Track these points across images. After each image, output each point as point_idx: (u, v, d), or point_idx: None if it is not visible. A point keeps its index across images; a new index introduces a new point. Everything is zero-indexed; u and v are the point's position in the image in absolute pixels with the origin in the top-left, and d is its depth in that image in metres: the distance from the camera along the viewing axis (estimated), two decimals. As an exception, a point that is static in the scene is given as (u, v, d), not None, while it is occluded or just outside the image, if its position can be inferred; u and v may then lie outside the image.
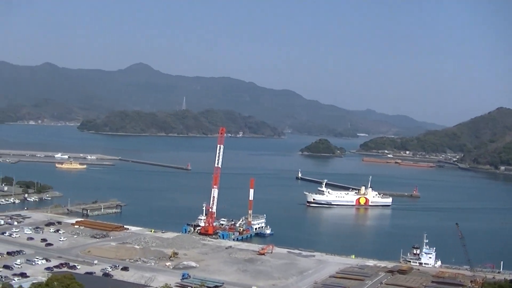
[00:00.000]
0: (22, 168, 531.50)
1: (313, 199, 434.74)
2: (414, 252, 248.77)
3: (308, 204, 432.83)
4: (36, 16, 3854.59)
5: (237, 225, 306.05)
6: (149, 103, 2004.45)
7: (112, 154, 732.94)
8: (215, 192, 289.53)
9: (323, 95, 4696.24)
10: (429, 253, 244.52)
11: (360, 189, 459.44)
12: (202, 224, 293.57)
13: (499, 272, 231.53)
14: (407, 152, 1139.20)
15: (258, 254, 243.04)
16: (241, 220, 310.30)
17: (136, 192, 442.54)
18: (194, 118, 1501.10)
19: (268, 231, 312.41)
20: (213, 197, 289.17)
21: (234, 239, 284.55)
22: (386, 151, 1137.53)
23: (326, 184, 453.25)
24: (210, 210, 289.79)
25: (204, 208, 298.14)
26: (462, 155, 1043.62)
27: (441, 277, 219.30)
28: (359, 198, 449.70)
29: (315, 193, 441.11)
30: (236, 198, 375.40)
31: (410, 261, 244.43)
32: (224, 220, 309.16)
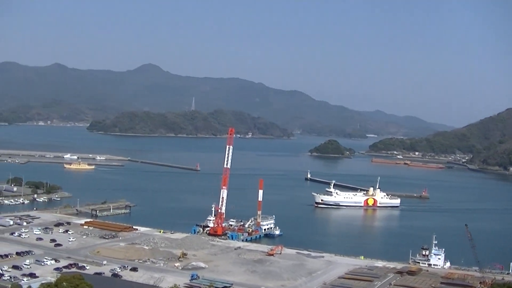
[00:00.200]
0: (32, 168, 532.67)
1: (321, 200, 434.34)
2: (423, 253, 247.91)
3: (316, 205, 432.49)
4: (45, 17, 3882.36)
5: (246, 226, 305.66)
6: (158, 104, 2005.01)
7: (121, 154, 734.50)
8: (224, 193, 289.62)
9: (332, 96, 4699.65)
10: (438, 254, 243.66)
11: (368, 190, 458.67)
12: (211, 224, 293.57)
13: (508, 273, 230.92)
14: (416, 153, 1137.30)
15: (267, 255, 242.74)
16: (250, 221, 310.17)
17: (145, 193, 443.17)
18: (203, 118, 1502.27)
19: (277, 232, 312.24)
20: (222, 197, 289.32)
21: (243, 240, 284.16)
22: (395, 152, 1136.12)
23: (334, 185, 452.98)
24: (219, 210, 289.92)
25: (213, 209, 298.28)
26: (472, 156, 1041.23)
27: (450, 278, 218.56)
28: (367, 199, 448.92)
29: (323, 194, 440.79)
30: (245, 199, 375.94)
31: (419, 262, 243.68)
32: (233, 221, 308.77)
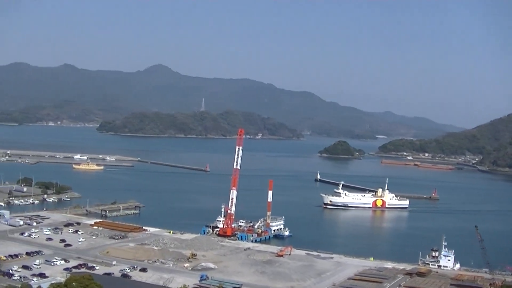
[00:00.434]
0: (42, 169, 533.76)
1: (330, 201, 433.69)
2: (433, 254, 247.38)
3: (324, 206, 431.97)
4: (55, 18, 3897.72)
5: (256, 226, 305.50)
6: (168, 105, 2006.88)
7: (131, 155, 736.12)
8: (233, 193, 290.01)
9: (342, 97, 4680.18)
10: (448, 256, 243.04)
11: (377, 191, 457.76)
12: (220, 225, 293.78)
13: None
14: (426, 154, 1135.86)
15: (276, 256, 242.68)
16: (259, 221, 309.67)
17: (154, 193, 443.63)
18: (213, 119, 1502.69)
19: (286, 233, 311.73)
20: (232, 198, 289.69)
21: (252, 241, 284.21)
22: (405, 153, 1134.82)
23: (343, 186, 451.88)
24: (228, 211, 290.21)
25: (222, 210, 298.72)
26: (482, 157, 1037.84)
27: (460, 280, 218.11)
28: (376, 200, 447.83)
29: (332, 195, 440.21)
30: (254, 200, 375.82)
31: (428, 264, 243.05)
32: (242, 222, 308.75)
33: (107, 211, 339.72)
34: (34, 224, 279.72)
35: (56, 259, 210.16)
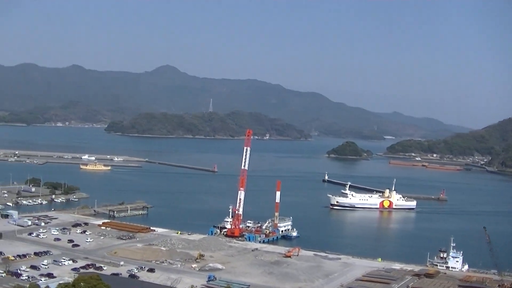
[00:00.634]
0: (50, 169, 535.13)
1: (337, 202, 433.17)
2: (441, 255, 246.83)
3: (331, 207, 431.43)
4: (64, 19, 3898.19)
5: (264, 227, 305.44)
6: (175, 105, 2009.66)
7: (139, 156, 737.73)
8: (241, 194, 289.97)
9: (350, 98, 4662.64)
10: (456, 257, 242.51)
11: (384, 192, 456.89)
12: (228, 226, 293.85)
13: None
14: (434, 155, 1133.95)
15: (284, 257, 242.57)
16: (267, 222, 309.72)
17: (162, 194, 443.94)
18: (221, 120, 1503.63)
19: (294, 234, 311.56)
20: (240, 199, 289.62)
21: (260, 242, 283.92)
22: (413, 154, 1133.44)
23: (350, 187, 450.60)
24: (236, 212, 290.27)
25: (230, 210, 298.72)
26: (490, 158, 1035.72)
27: (468, 281, 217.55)
28: (383, 201, 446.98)
29: (339, 196, 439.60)
30: (262, 201, 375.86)
31: (437, 265, 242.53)
32: (250, 222, 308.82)
33: (115, 212, 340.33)
34: (42, 224, 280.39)
35: (64, 259, 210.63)
